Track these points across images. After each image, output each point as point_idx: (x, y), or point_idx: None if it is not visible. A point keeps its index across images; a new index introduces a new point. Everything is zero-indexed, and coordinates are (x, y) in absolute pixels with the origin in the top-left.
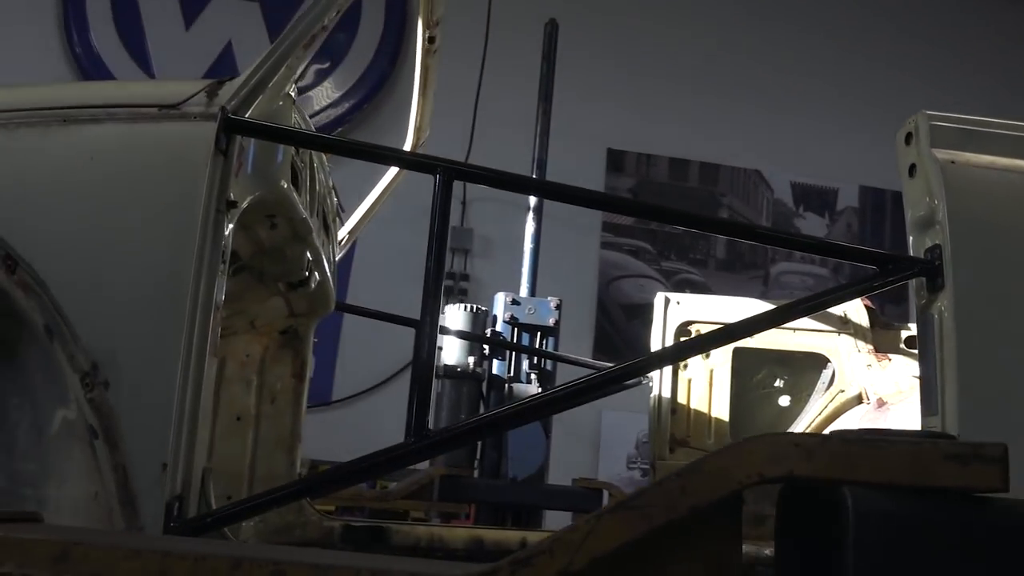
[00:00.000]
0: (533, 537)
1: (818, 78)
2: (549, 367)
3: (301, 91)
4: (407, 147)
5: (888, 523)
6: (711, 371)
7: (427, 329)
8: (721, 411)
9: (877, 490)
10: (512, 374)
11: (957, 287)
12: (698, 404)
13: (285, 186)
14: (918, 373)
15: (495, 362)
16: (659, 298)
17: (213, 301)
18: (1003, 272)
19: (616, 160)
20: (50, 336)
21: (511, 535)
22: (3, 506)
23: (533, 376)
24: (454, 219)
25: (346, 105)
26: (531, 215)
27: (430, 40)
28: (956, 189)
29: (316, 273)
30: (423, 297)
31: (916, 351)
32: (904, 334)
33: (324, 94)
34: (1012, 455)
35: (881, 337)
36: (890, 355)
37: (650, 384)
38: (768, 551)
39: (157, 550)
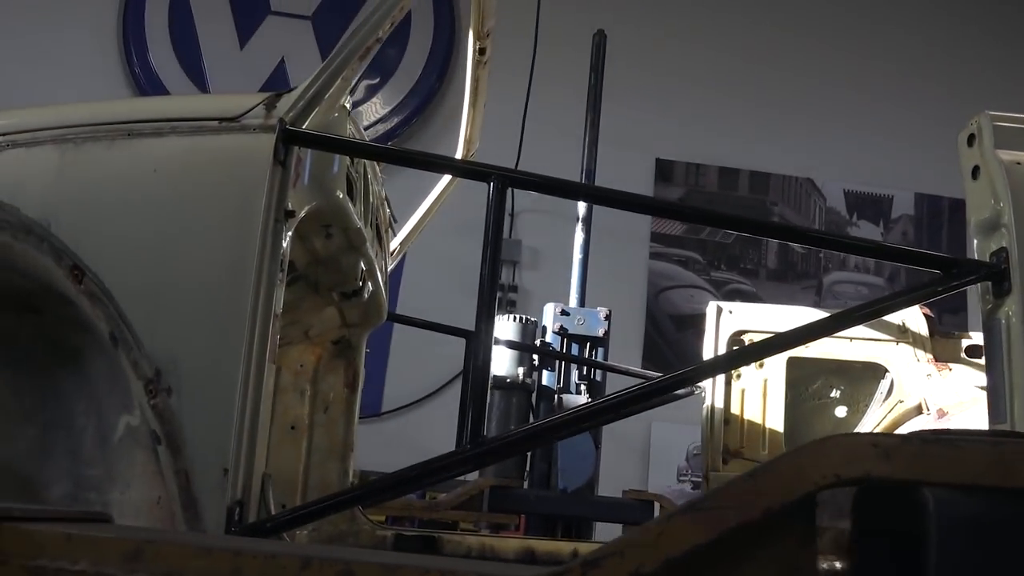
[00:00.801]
0: (584, 548)
1: (870, 85)
2: (599, 378)
3: (353, 106)
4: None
5: (971, 525)
6: (765, 381)
7: (482, 338)
8: (775, 422)
9: (959, 491)
10: (561, 385)
11: None
12: (752, 415)
13: (340, 196)
14: (982, 384)
15: (544, 373)
16: (711, 307)
17: (272, 309)
18: None
19: (665, 170)
20: (115, 344)
21: (563, 546)
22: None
23: (583, 387)
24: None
25: (396, 120)
26: (580, 225)
27: (480, 51)
28: (1023, 190)
29: (369, 283)
30: (478, 306)
31: (978, 360)
32: (965, 343)
33: (374, 109)
34: None
35: (941, 346)
36: (951, 365)
37: (702, 395)
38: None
39: (228, 549)
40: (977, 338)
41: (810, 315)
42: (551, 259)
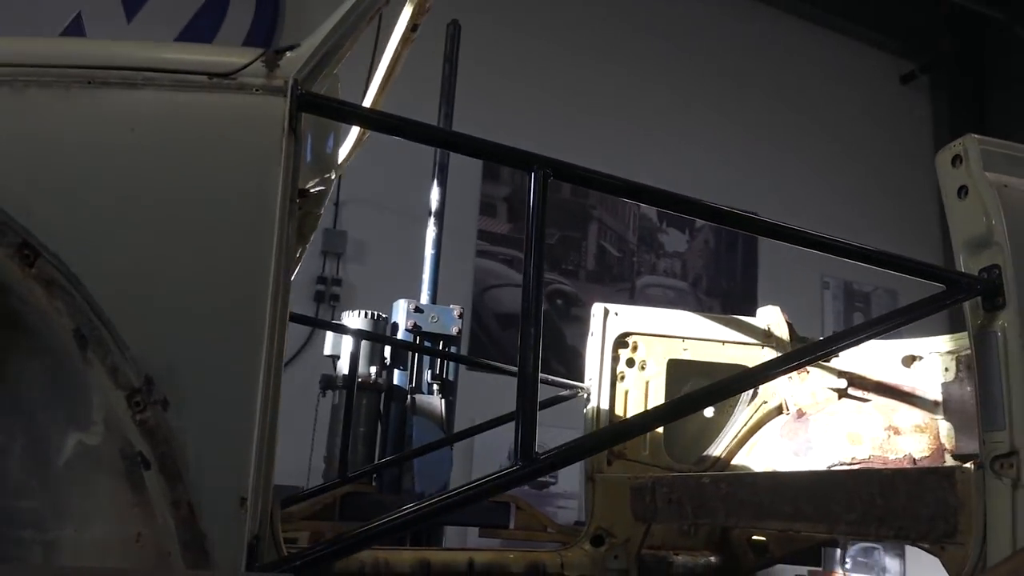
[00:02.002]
0: (479, 557)
1: (687, 101)
2: (451, 377)
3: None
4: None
5: None
6: (647, 383)
7: (531, 343)
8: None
9: None
10: (414, 384)
11: (1022, 305)
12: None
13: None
14: (834, 385)
15: (395, 372)
16: (598, 309)
17: (288, 305)
18: None
19: (492, 169)
20: (82, 343)
21: (458, 556)
22: None
23: (435, 386)
24: (326, 221)
25: None
26: (432, 220)
27: (413, 28)
28: (1013, 210)
29: None
30: (522, 311)
31: (827, 364)
32: None
33: None
34: None
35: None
36: (808, 368)
37: (584, 396)
38: (702, 560)
39: None
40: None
41: (689, 319)
42: (377, 252)
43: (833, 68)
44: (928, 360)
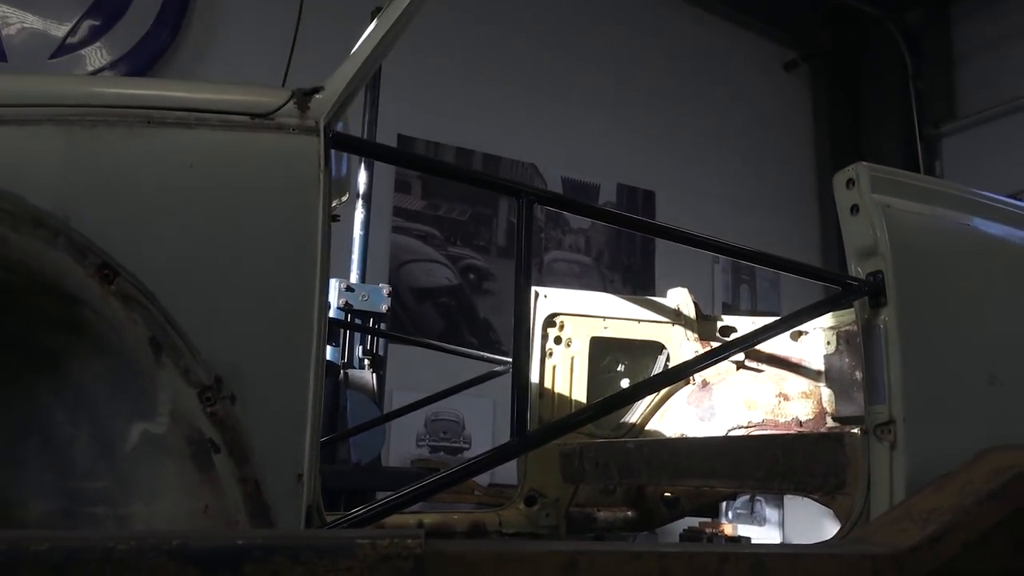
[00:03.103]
0: (428, 519)
1: (590, 86)
2: (381, 352)
3: (71, 48)
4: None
5: None
6: (572, 358)
7: (523, 336)
8: (580, 394)
9: None
10: (346, 360)
11: (898, 302)
12: (561, 389)
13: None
14: (735, 359)
15: (328, 348)
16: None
17: (326, 313)
18: (929, 290)
19: (406, 147)
20: (157, 350)
21: (408, 518)
22: (67, 526)
23: (367, 362)
24: None
25: (123, 70)
26: (360, 202)
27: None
28: (894, 227)
29: None
30: (515, 309)
31: (726, 339)
32: (719, 324)
33: (98, 55)
34: (943, 431)
35: (704, 327)
36: (712, 342)
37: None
38: (621, 515)
39: (654, 552)
40: (728, 320)
41: (614, 302)
42: None
43: (719, 54)
44: (813, 335)
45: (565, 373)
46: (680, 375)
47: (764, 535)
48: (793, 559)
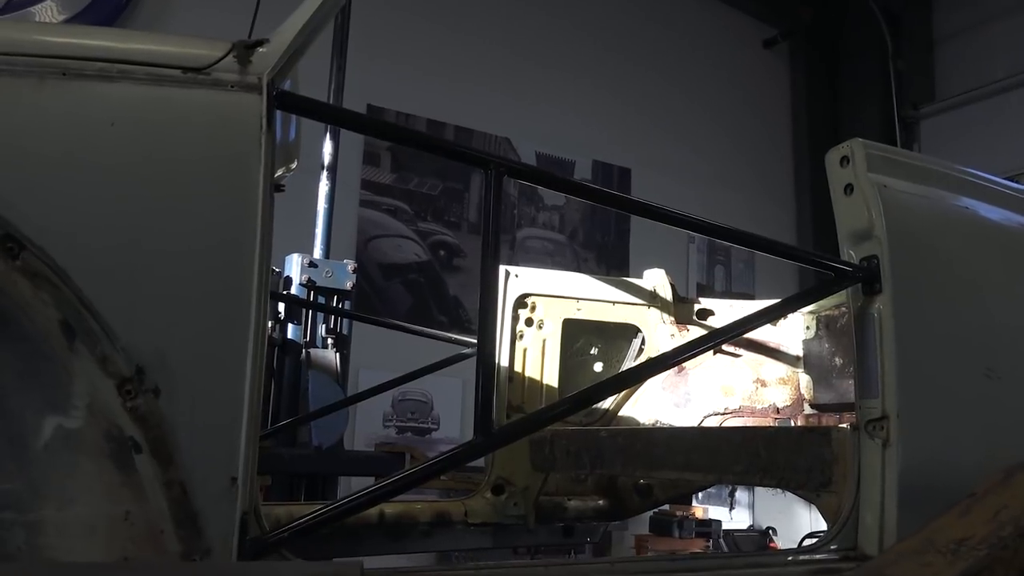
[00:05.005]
0: (389, 508)
1: (568, 63)
2: (345, 331)
3: (19, 5)
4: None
5: None
6: (544, 341)
7: (488, 331)
8: (551, 378)
9: None
10: (308, 339)
11: (895, 290)
12: (532, 372)
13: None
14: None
15: (289, 326)
16: (499, 271)
17: (268, 293)
18: (927, 277)
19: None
20: (69, 334)
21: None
22: None
23: (330, 341)
24: None
25: None
26: (325, 175)
27: None
28: (891, 208)
29: None
30: (481, 297)
31: (704, 322)
32: (696, 307)
33: (49, 13)
34: (939, 428)
35: (680, 310)
36: (688, 326)
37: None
38: (592, 503)
39: None
40: (705, 303)
41: (586, 281)
42: None
43: (699, 29)
44: (792, 319)
45: (536, 356)
46: (662, 366)
47: (735, 518)
48: None
